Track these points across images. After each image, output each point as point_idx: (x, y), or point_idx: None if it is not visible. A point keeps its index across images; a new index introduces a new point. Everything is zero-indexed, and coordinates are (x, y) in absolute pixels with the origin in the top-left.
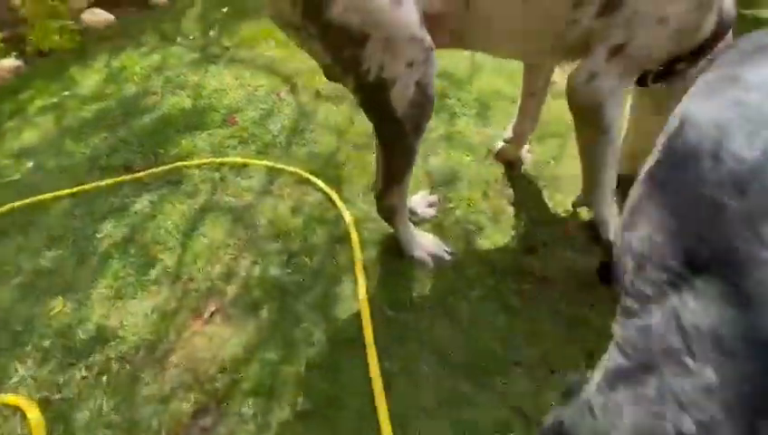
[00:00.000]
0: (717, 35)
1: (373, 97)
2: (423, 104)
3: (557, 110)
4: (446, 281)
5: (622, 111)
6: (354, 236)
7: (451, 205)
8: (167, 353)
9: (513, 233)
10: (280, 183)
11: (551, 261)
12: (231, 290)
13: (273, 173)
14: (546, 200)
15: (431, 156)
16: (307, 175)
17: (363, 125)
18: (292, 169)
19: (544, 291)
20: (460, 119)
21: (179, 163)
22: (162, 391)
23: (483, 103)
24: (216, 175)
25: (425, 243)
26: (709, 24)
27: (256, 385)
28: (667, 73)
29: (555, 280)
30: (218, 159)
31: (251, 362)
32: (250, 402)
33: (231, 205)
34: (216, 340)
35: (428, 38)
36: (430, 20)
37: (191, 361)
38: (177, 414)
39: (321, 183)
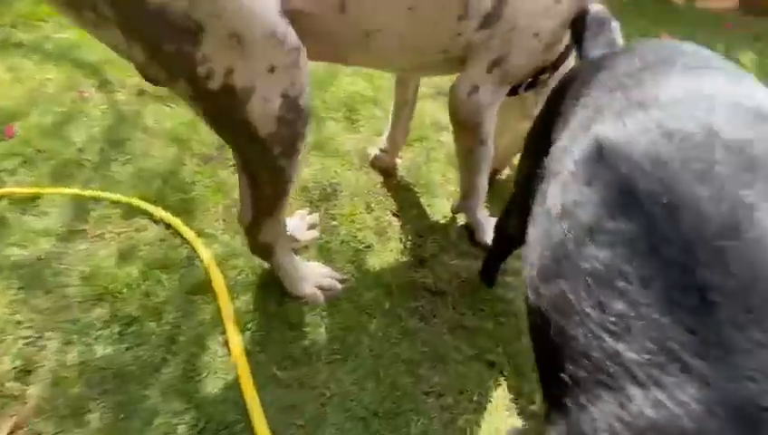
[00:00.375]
0: (568, 50)
1: (221, 111)
2: (294, 121)
3: (418, 113)
4: (341, 317)
5: (495, 121)
6: (218, 279)
7: (335, 222)
8: None
9: (401, 247)
10: (96, 219)
11: (440, 271)
12: (34, 392)
13: (82, 205)
14: (426, 208)
15: (304, 167)
16: (138, 202)
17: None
18: (112, 195)
19: (439, 305)
20: (328, 123)
21: None
22: None
23: (348, 106)
24: None
25: (313, 275)
26: (566, 39)
27: None
28: (534, 83)
29: (447, 291)
30: None
31: None
32: None
33: (17, 260)
34: None
35: (294, 35)
36: (292, 22)
37: None
38: None
39: (160, 211)
